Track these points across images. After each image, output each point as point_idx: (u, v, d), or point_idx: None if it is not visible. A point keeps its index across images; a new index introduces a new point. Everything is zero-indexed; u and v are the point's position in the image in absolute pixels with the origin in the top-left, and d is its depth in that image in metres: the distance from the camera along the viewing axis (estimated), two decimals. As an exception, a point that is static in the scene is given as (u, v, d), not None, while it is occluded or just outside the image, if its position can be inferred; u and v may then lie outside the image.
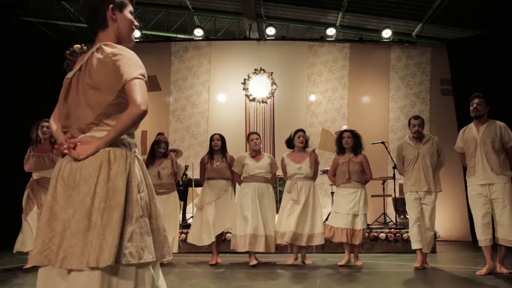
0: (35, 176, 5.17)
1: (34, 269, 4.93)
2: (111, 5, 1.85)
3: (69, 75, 1.87)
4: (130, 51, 1.82)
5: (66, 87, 1.86)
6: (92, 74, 1.77)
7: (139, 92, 1.72)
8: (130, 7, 1.93)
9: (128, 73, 1.73)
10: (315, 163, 5.65)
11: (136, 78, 1.73)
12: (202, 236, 5.61)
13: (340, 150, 5.66)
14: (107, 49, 1.78)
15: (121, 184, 1.71)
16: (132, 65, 1.76)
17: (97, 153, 1.74)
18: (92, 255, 1.63)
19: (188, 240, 5.85)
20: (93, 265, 1.62)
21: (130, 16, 1.93)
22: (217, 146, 5.76)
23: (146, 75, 1.79)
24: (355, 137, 5.62)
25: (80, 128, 1.80)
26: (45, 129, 5.19)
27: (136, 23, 1.98)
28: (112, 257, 1.62)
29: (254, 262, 5.39)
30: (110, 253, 1.63)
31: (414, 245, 5.13)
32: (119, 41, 1.89)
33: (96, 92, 1.76)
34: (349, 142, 5.56)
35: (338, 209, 5.53)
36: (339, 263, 5.37)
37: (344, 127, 6.87)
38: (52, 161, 5.18)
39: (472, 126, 4.87)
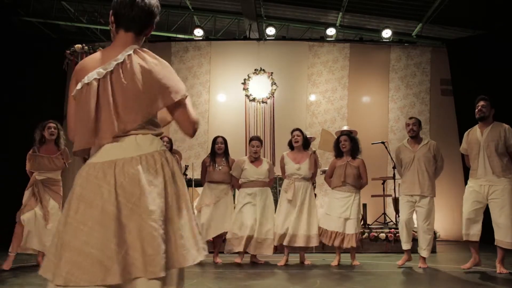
0: (39, 176, 5.15)
1: (35, 269, 4.92)
2: (154, 25, 1.88)
3: (98, 75, 1.71)
4: (166, 62, 1.83)
5: (96, 91, 1.70)
6: (136, 81, 1.70)
7: (192, 109, 1.81)
8: None
9: (181, 89, 1.77)
10: (315, 165, 5.65)
11: (186, 95, 1.79)
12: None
13: (338, 153, 5.66)
14: (149, 58, 1.76)
15: (181, 184, 1.77)
16: (178, 79, 1.79)
17: (153, 155, 1.73)
18: (181, 255, 1.66)
19: None
20: (186, 264, 1.67)
21: None
22: (221, 150, 5.75)
23: (185, 88, 1.85)
24: (352, 140, 5.62)
25: (119, 133, 1.70)
26: (52, 129, 5.17)
27: None
28: (202, 252, 1.72)
29: (239, 260, 5.47)
30: (197, 249, 1.71)
31: (404, 246, 5.25)
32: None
33: (141, 101, 1.71)
34: (346, 146, 5.56)
35: (330, 211, 5.53)
36: (331, 263, 5.41)
37: (345, 128, 6.88)
38: (54, 163, 5.17)
39: (476, 128, 4.87)
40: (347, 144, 5.56)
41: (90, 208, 1.63)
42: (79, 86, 1.73)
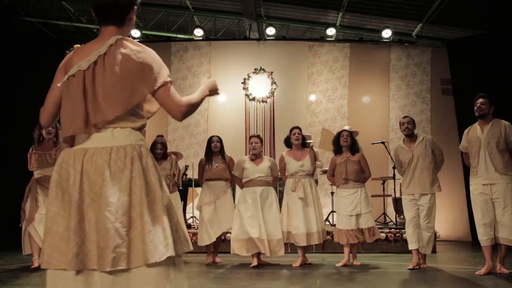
0: (36, 174, 5.18)
1: (36, 269, 4.93)
2: (135, 6, 1.85)
3: (82, 67, 1.72)
4: (150, 49, 1.80)
5: (82, 80, 1.72)
6: (117, 70, 1.69)
7: (176, 93, 1.79)
8: None
9: (163, 75, 1.75)
10: (314, 159, 5.66)
11: (168, 80, 1.77)
12: (202, 236, 5.65)
13: (338, 149, 5.66)
14: (132, 46, 1.74)
15: (154, 179, 1.72)
16: (161, 65, 1.78)
17: (125, 148, 1.70)
18: (148, 251, 1.61)
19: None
20: (151, 261, 1.61)
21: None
22: (217, 148, 5.77)
23: (169, 74, 1.82)
24: (353, 138, 5.64)
25: (99, 123, 1.70)
26: (50, 128, 5.20)
27: None
28: (170, 248, 1.65)
29: (255, 263, 5.37)
30: (165, 245, 1.65)
31: (410, 246, 5.14)
32: None
33: (121, 89, 1.70)
34: (347, 140, 5.56)
35: (340, 210, 5.56)
36: (337, 265, 5.35)
37: (346, 127, 6.88)
38: (54, 159, 5.19)
39: (476, 126, 4.85)
40: (349, 139, 5.57)
41: (64, 194, 1.68)
42: (65, 78, 1.76)
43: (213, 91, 2.06)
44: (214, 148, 5.77)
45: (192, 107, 1.84)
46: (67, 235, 1.64)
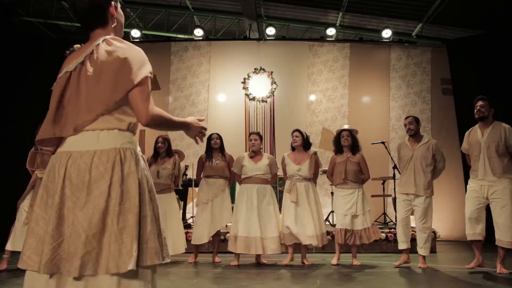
0: (40, 174, 5.18)
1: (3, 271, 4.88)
2: (112, 2, 1.83)
3: (69, 68, 1.74)
4: (137, 47, 1.78)
5: (64, 82, 1.74)
6: (100, 67, 1.68)
7: (151, 99, 1.73)
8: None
9: (142, 73, 1.70)
10: (315, 165, 5.63)
11: (147, 75, 1.72)
12: (196, 234, 5.67)
13: (338, 149, 5.67)
14: (117, 43, 1.73)
15: (134, 185, 1.67)
16: (143, 64, 1.73)
17: (108, 152, 1.67)
18: (111, 260, 1.58)
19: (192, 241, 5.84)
20: (113, 271, 1.58)
21: (121, 11, 1.92)
22: (217, 145, 5.78)
23: (152, 72, 1.77)
24: (353, 137, 5.64)
25: (79, 124, 1.68)
26: None
27: None
28: (133, 260, 1.59)
29: (235, 263, 5.42)
30: (130, 256, 1.59)
31: (400, 245, 5.25)
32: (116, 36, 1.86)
33: (103, 87, 1.67)
34: (348, 140, 5.57)
35: (337, 209, 5.61)
36: (332, 262, 5.42)
37: (346, 126, 6.88)
38: None
39: (477, 128, 4.87)
40: (349, 139, 5.57)
41: (49, 197, 1.67)
42: (56, 82, 1.78)
43: (196, 132, 2.06)
44: (214, 145, 5.78)
45: (161, 121, 1.77)
46: (46, 238, 1.63)
